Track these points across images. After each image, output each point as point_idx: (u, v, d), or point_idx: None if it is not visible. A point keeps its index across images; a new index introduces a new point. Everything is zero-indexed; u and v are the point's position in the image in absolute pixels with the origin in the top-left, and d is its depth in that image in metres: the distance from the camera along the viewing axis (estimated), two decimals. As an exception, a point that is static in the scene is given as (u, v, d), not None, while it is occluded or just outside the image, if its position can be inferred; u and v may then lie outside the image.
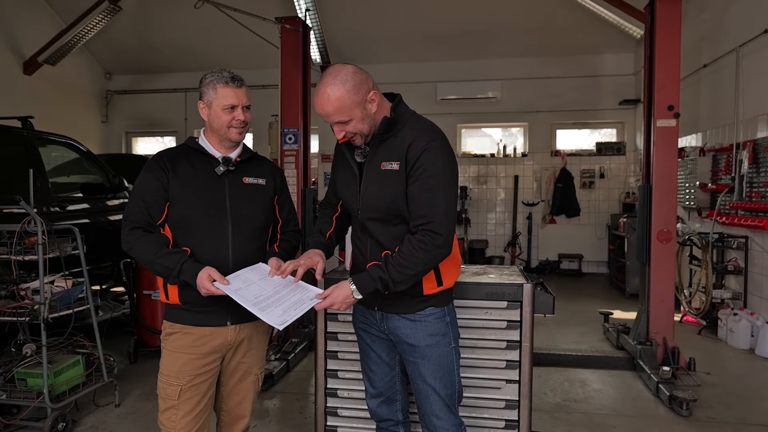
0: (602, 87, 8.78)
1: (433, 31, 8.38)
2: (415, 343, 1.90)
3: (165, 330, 2.02)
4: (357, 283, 1.78)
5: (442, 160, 1.77)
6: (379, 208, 1.84)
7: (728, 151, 5.61)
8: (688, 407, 3.50)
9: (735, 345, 4.99)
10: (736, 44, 5.45)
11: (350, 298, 1.79)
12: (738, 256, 5.44)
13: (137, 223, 1.92)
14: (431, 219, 1.74)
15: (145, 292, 4.55)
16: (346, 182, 1.96)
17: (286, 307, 1.79)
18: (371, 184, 1.84)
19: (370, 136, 1.85)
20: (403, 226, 1.84)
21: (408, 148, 1.77)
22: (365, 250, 1.94)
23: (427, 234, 1.74)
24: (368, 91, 1.77)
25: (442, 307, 1.93)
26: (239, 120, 1.98)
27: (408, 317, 1.90)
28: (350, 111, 1.75)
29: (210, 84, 1.97)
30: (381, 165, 1.82)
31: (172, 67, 9.64)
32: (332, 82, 1.74)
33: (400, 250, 1.77)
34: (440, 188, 1.76)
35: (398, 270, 1.75)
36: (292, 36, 4.81)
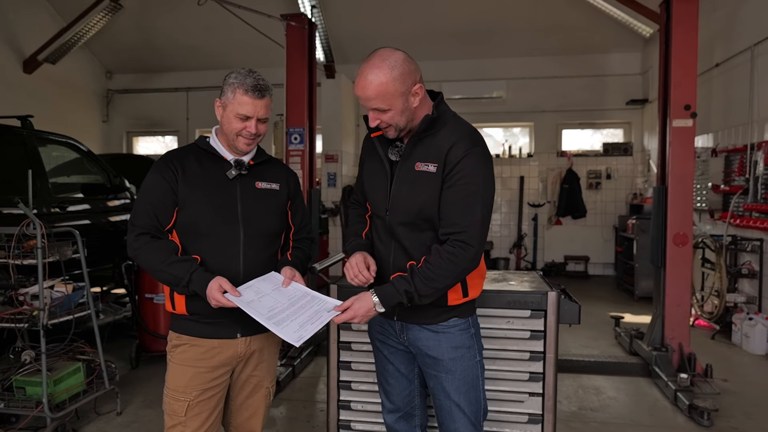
0: (609, 87, 8.67)
1: (438, 30, 8.26)
2: (438, 356, 1.79)
3: (171, 341, 1.90)
4: (380, 295, 1.68)
5: (482, 168, 1.67)
6: (409, 210, 1.72)
7: (742, 152, 5.49)
8: (709, 417, 3.38)
9: (750, 350, 4.87)
10: (751, 43, 5.34)
11: (372, 311, 1.69)
12: (752, 259, 5.33)
13: (144, 229, 1.81)
14: (464, 229, 1.64)
15: (147, 296, 4.43)
16: (375, 180, 1.84)
17: (302, 321, 1.68)
18: (403, 185, 1.73)
19: (405, 131, 1.73)
20: (431, 232, 1.73)
21: (448, 150, 1.65)
22: (388, 255, 1.82)
23: (458, 245, 1.64)
24: (414, 84, 1.66)
25: (466, 318, 1.82)
26: (250, 132, 1.85)
27: (430, 328, 1.79)
28: (392, 100, 1.63)
29: (231, 86, 1.83)
30: (415, 165, 1.70)
31: (173, 66, 9.53)
32: (379, 66, 1.62)
33: (428, 261, 1.66)
34: (477, 198, 1.65)
35: (425, 282, 1.64)
36: (298, 33, 4.70)
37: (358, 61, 10.17)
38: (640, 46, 8.42)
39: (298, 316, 1.70)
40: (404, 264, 1.76)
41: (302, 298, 1.80)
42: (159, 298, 4.41)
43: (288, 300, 1.77)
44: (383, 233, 1.83)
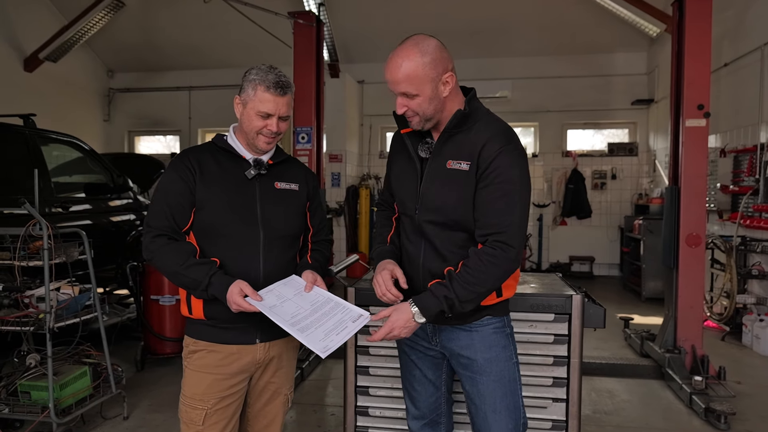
0: (614, 86, 8.62)
1: (443, 29, 8.18)
2: (471, 356, 1.72)
3: (188, 347, 1.84)
4: (419, 304, 1.59)
5: (519, 166, 1.60)
6: (440, 210, 1.65)
7: (751, 152, 5.44)
8: (726, 420, 3.33)
9: (761, 352, 4.83)
10: (761, 42, 5.29)
11: (411, 322, 1.60)
12: (762, 260, 5.28)
13: (161, 230, 1.74)
14: (503, 229, 1.57)
15: (152, 297, 4.37)
16: (403, 178, 1.76)
17: (327, 330, 1.62)
18: (433, 183, 1.66)
19: (432, 122, 1.66)
20: (462, 233, 1.66)
21: (482, 148, 1.59)
22: (418, 256, 1.74)
23: (498, 246, 1.57)
24: (445, 71, 1.59)
25: (500, 317, 1.75)
26: (270, 130, 1.79)
27: (463, 327, 1.73)
28: (420, 85, 1.57)
29: (251, 83, 1.77)
30: (447, 163, 1.63)
31: (175, 65, 9.46)
32: (411, 49, 1.57)
33: (466, 265, 1.59)
34: (515, 196, 1.59)
35: (465, 287, 1.56)
36: (306, 31, 4.64)
37: (362, 60, 10.24)
38: (645, 45, 8.38)
39: (322, 324, 1.64)
40: (435, 265, 1.69)
41: (325, 304, 1.74)
42: (165, 300, 4.35)
43: (311, 306, 1.71)
44: (412, 232, 1.76)
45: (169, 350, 4.38)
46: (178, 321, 4.38)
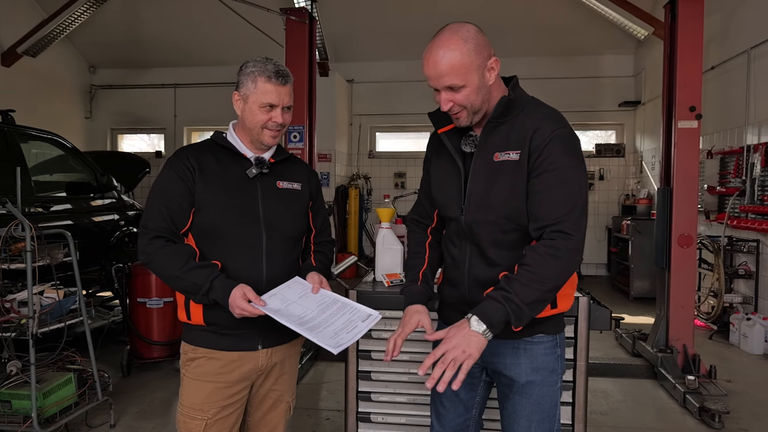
0: (602, 88, 8.68)
1: (433, 29, 8.01)
2: (514, 378, 1.57)
3: (186, 354, 1.76)
4: (478, 313, 1.37)
5: (574, 150, 1.47)
6: (490, 207, 1.50)
7: (738, 154, 5.51)
8: (720, 419, 3.35)
9: (749, 350, 4.88)
10: (748, 46, 5.35)
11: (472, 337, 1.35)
12: (748, 260, 5.34)
13: (159, 232, 1.66)
14: (561, 219, 1.41)
15: (139, 300, 4.26)
16: (446, 179, 1.60)
17: (337, 329, 1.56)
18: (481, 179, 1.51)
19: (480, 115, 1.51)
20: (516, 233, 1.51)
21: (533, 134, 1.45)
22: (463, 261, 1.58)
23: (557, 236, 1.40)
24: (490, 56, 1.46)
25: (553, 336, 1.58)
26: (276, 122, 1.72)
27: (511, 343, 1.55)
28: (467, 74, 1.43)
29: (250, 75, 1.71)
30: (494, 156, 1.49)
31: (160, 62, 9.28)
32: (451, 38, 1.43)
33: (523, 263, 1.41)
34: (572, 183, 1.44)
35: (527, 287, 1.37)
36: (298, 28, 4.56)
37: (351, 59, 10.15)
38: (632, 48, 8.45)
39: (331, 324, 1.58)
40: (482, 271, 1.55)
41: (332, 304, 1.68)
42: (152, 302, 4.24)
43: (317, 307, 1.65)
44: (457, 236, 1.61)
45: (156, 354, 4.27)
46: (166, 324, 4.28)
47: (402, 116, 9.20)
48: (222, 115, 9.45)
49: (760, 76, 5.23)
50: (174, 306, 4.33)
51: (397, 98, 9.06)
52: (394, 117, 9.25)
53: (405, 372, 2.19)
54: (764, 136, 5.16)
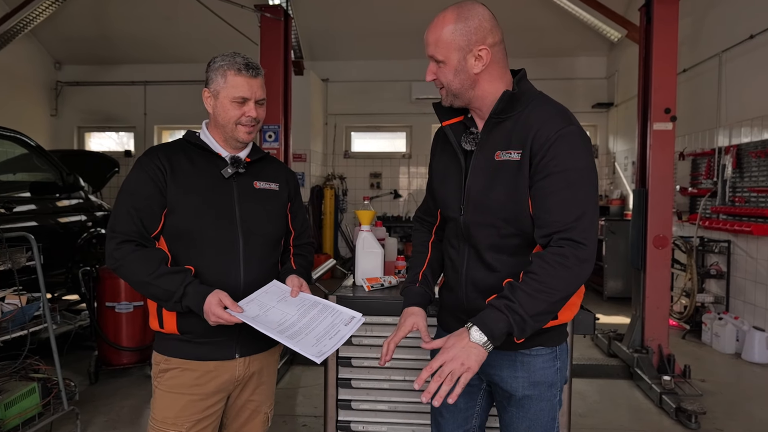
0: (575, 90, 8.78)
1: (408, 29, 8.11)
2: (511, 392, 1.50)
3: (158, 365, 1.67)
4: (478, 322, 1.28)
5: (583, 150, 1.37)
6: (488, 208, 1.42)
7: (709, 156, 5.61)
8: (696, 420, 3.38)
9: (720, 350, 4.97)
10: (719, 49, 5.45)
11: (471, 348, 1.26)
12: (719, 260, 5.45)
13: (128, 236, 1.57)
14: (571, 225, 1.31)
15: (107, 304, 4.10)
16: (447, 175, 1.53)
17: (318, 335, 1.49)
18: (480, 178, 1.43)
19: (460, 101, 1.46)
20: (515, 238, 1.42)
21: (536, 133, 1.36)
22: (460, 263, 1.51)
23: (567, 244, 1.30)
24: (479, 44, 1.38)
25: (553, 348, 1.50)
26: (250, 117, 1.65)
27: (508, 354, 1.47)
28: (446, 50, 1.39)
29: (219, 70, 1.64)
30: (495, 154, 1.41)
31: (130, 58, 9.02)
32: (451, 12, 1.41)
33: (529, 271, 1.31)
34: (582, 186, 1.34)
35: (532, 297, 1.27)
36: (273, 26, 4.47)
37: (326, 58, 10.03)
38: (605, 50, 8.57)
39: (312, 329, 1.50)
40: (480, 276, 1.47)
41: (312, 307, 1.60)
42: (121, 307, 4.09)
43: (297, 311, 1.57)
44: (454, 237, 1.54)
45: (126, 361, 4.12)
46: (136, 329, 4.13)
47: (378, 116, 9.15)
48: (195, 114, 9.24)
49: (731, 79, 5.34)
50: (144, 310, 4.19)
51: (373, 98, 9.01)
52: (369, 117, 9.19)
53: (386, 379, 2.13)
54: (735, 138, 5.27)
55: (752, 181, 4.95)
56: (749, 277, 5.03)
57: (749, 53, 5.05)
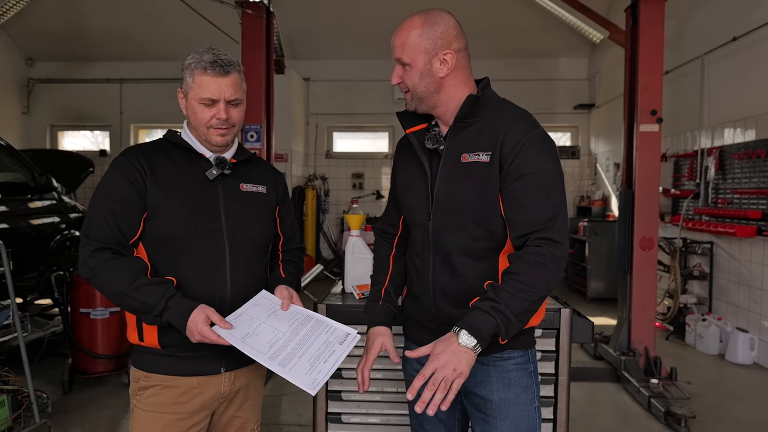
0: (557, 91, 8.81)
1: (390, 29, 8.01)
2: (486, 396, 1.48)
3: (137, 382, 1.55)
4: (466, 325, 1.28)
5: (550, 152, 1.41)
6: (458, 211, 1.43)
7: (692, 157, 5.65)
8: (686, 424, 3.36)
9: (704, 351, 5.00)
10: (701, 51, 5.49)
11: (461, 353, 1.26)
12: (702, 261, 5.49)
13: (104, 243, 1.45)
14: (546, 225, 1.35)
15: (82, 310, 3.93)
16: (412, 181, 1.53)
17: (311, 357, 1.39)
18: (448, 180, 1.45)
19: (425, 106, 1.48)
20: (485, 242, 1.44)
21: (504, 136, 1.39)
22: (426, 270, 1.50)
23: (543, 243, 1.34)
24: (445, 48, 1.42)
25: (524, 351, 1.51)
26: (219, 119, 1.53)
27: (480, 360, 1.44)
28: (413, 54, 1.43)
29: (188, 68, 1.53)
30: (462, 156, 1.43)
31: (105, 55, 8.76)
32: (418, 17, 1.46)
33: (510, 271, 1.34)
34: (553, 187, 1.39)
35: (516, 297, 1.29)
36: (255, 23, 4.35)
37: (308, 57, 9.90)
38: (587, 52, 8.61)
39: (305, 351, 1.41)
40: (448, 283, 1.46)
41: (305, 323, 1.51)
42: (97, 313, 3.93)
43: (289, 327, 1.48)
44: (421, 244, 1.53)
45: (101, 369, 3.96)
46: (112, 336, 3.98)
47: (360, 116, 9.06)
48: (173, 113, 8.99)
49: (714, 81, 5.38)
50: (121, 317, 4.04)
51: (355, 98, 8.92)
52: (351, 117, 9.09)
53: (378, 391, 2.05)
54: (718, 140, 5.31)
55: (735, 182, 4.99)
56: (732, 279, 5.07)
57: (732, 55, 5.09)
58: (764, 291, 4.62)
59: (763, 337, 4.63)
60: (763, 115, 4.63)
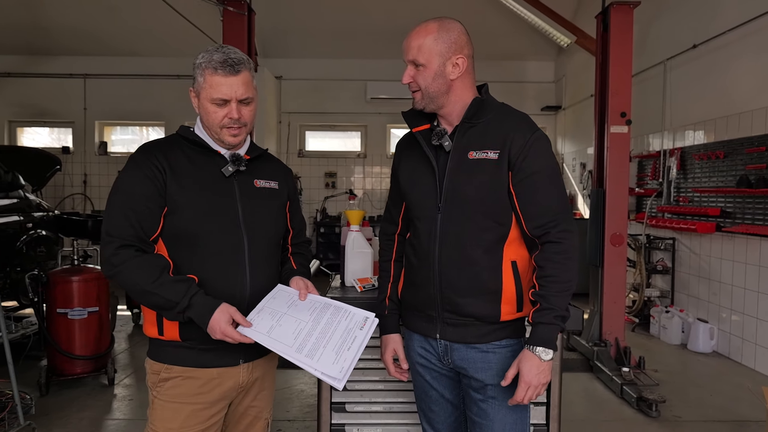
0: (525, 93, 9.05)
1: (362, 28, 8.13)
2: (484, 380, 1.59)
3: (157, 374, 1.57)
4: (539, 342, 1.48)
5: (551, 151, 1.58)
6: (467, 202, 1.55)
7: (655, 158, 5.94)
8: (657, 408, 3.56)
9: (668, 341, 5.27)
10: (664, 57, 5.78)
11: (543, 365, 1.49)
12: (665, 257, 5.77)
13: (126, 240, 1.46)
14: (560, 214, 1.53)
15: (59, 311, 3.84)
16: (417, 176, 1.64)
17: (336, 345, 1.45)
18: (458, 174, 1.56)
19: (434, 105, 1.59)
20: (491, 233, 1.55)
21: (513, 136, 1.52)
22: (432, 261, 1.59)
23: (562, 235, 1.51)
24: (458, 53, 1.55)
25: (519, 339, 1.63)
26: (232, 118, 1.55)
27: (479, 347, 1.59)
28: (429, 55, 1.54)
29: (199, 68, 1.55)
30: (469, 154, 1.55)
31: (68, 50, 8.48)
32: (433, 22, 1.57)
33: (547, 275, 1.50)
34: (559, 181, 1.58)
35: (561, 296, 1.50)
36: (237, 20, 4.33)
37: (280, 55, 9.83)
38: (553, 55, 8.88)
39: (329, 339, 1.47)
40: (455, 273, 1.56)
41: (325, 310, 1.57)
42: (74, 313, 3.85)
43: (310, 316, 1.53)
44: (426, 237, 1.61)
45: (80, 370, 3.88)
46: (90, 336, 3.90)
47: (332, 115, 9.08)
48: (141, 110, 8.83)
49: (675, 85, 5.66)
50: (99, 317, 3.97)
51: (328, 97, 8.93)
52: (324, 116, 9.10)
53: (381, 380, 2.12)
54: (679, 141, 5.59)
55: (695, 182, 5.28)
56: (693, 272, 5.36)
57: (692, 62, 5.37)
58: (723, 284, 4.91)
59: (722, 327, 4.92)
60: (721, 119, 4.92)
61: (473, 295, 1.56)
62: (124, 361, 4.59)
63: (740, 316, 4.69)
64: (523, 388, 1.48)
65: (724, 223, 4.80)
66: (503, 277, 1.56)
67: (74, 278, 3.88)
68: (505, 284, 1.56)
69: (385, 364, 1.78)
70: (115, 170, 8.76)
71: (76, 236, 4.58)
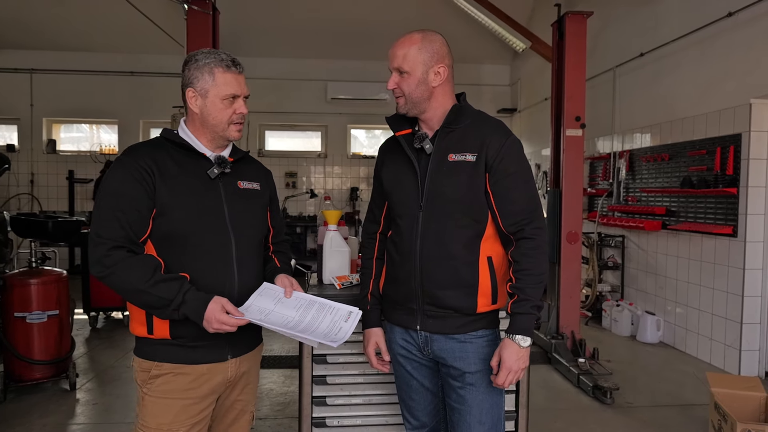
0: (482, 95, 9.29)
1: (324, 29, 8.16)
2: (463, 368, 1.70)
3: (147, 372, 1.59)
4: (517, 331, 1.61)
5: (523, 154, 1.71)
6: (447, 201, 1.66)
7: (605, 159, 6.25)
8: (611, 396, 3.78)
9: (619, 333, 5.57)
10: (613, 64, 6.09)
11: (522, 351, 1.62)
12: (615, 253, 6.09)
13: (117, 242, 1.48)
14: (532, 214, 1.66)
15: (16, 314, 3.72)
16: (399, 177, 1.75)
17: (324, 331, 1.52)
18: (439, 175, 1.68)
19: (416, 110, 1.70)
20: (469, 231, 1.67)
21: (489, 140, 1.65)
22: (413, 257, 1.69)
23: (537, 232, 1.65)
24: (439, 62, 1.67)
25: (494, 329, 1.76)
26: (241, 114, 1.65)
27: (457, 338, 1.70)
28: (413, 64, 1.65)
29: (206, 68, 1.59)
30: (448, 156, 1.67)
31: (13, 43, 8.13)
32: (416, 34, 1.68)
33: (522, 269, 1.63)
34: (531, 181, 1.70)
35: (536, 288, 1.63)
36: (201, 19, 4.31)
37: (238, 54, 9.65)
38: (509, 59, 9.17)
39: (316, 329, 1.54)
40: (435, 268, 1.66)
41: (310, 306, 1.63)
42: (33, 317, 3.73)
43: (297, 312, 1.59)
44: (408, 233, 1.71)
45: (39, 375, 3.77)
46: (50, 341, 3.80)
47: (292, 115, 9.06)
48: (92, 107, 8.55)
49: (624, 91, 5.99)
50: (60, 320, 3.86)
51: (287, 96, 8.90)
52: (284, 115, 9.07)
53: (361, 373, 2.19)
54: (627, 144, 5.91)
55: (643, 182, 5.60)
56: (641, 268, 5.68)
57: (639, 69, 5.70)
58: (668, 278, 5.24)
59: (667, 319, 5.25)
60: (666, 123, 5.25)
61: (452, 288, 1.67)
62: (85, 365, 4.47)
63: (684, 308, 5.01)
64: (505, 373, 1.61)
65: (670, 221, 5.12)
66: (480, 271, 1.67)
67: (32, 281, 3.76)
68: (481, 278, 1.67)
69: (367, 357, 1.86)
70: (65, 169, 8.45)
71: (35, 238, 4.42)
